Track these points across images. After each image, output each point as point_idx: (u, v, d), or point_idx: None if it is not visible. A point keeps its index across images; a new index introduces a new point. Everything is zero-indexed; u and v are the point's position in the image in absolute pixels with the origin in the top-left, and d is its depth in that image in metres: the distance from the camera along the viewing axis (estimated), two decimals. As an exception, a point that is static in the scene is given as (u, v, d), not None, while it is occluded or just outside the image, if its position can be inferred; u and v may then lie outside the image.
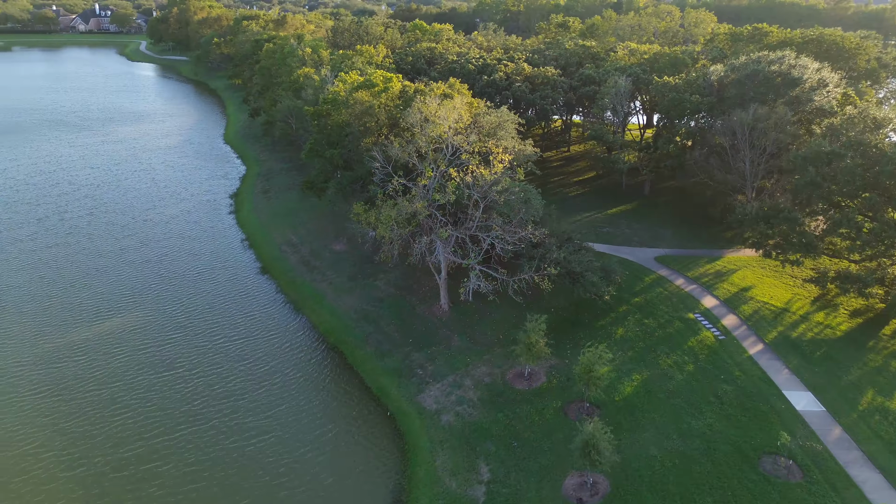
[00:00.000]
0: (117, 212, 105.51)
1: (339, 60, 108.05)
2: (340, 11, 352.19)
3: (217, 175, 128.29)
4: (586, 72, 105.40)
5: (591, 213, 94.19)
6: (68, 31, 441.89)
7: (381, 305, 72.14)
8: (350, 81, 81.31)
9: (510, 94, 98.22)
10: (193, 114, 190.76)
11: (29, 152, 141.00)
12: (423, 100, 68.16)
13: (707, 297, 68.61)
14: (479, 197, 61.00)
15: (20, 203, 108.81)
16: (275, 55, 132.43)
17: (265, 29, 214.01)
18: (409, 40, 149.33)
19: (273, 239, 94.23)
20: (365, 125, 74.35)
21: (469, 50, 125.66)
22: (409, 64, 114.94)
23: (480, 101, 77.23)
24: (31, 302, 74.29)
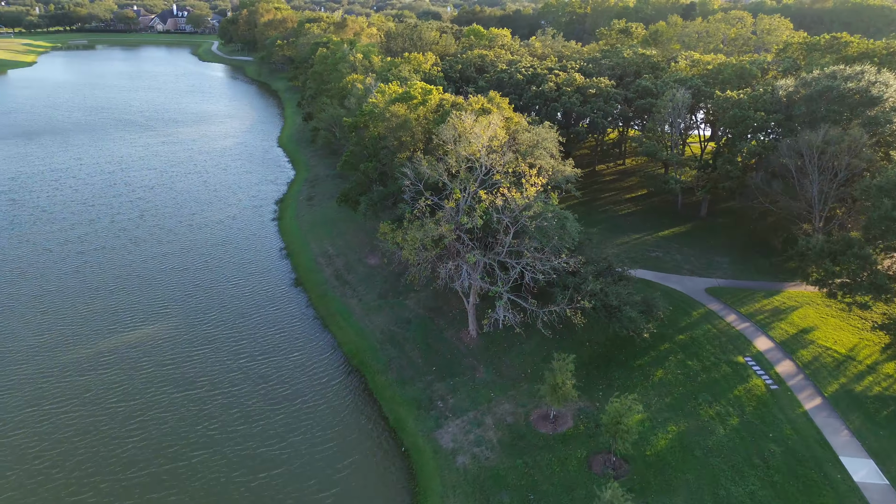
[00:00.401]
0: (166, 215, 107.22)
1: (386, 68, 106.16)
2: (405, 14, 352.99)
3: (266, 180, 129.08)
4: (643, 83, 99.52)
5: (641, 234, 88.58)
6: (147, 31, 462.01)
7: (409, 327, 69.51)
8: (389, 93, 79.05)
9: (559, 105, 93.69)
10: (252, 115, 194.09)
11: (94, 152, 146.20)
12: (458, 115, 65.00)
13: (761, 337, 62.55)
14: (509, 222, 57.34)
15: (77, 203, 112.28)
16: (326, 60, 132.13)
17: (325, 32, 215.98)
18: (463, 46, 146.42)
19: (310, 249, 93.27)
20: (400, 139, 71.87)
21: (521, 58, 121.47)
22: (457, 72, 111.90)
23: (521, 116, 73.36)
24: (70, 307, 75.54)
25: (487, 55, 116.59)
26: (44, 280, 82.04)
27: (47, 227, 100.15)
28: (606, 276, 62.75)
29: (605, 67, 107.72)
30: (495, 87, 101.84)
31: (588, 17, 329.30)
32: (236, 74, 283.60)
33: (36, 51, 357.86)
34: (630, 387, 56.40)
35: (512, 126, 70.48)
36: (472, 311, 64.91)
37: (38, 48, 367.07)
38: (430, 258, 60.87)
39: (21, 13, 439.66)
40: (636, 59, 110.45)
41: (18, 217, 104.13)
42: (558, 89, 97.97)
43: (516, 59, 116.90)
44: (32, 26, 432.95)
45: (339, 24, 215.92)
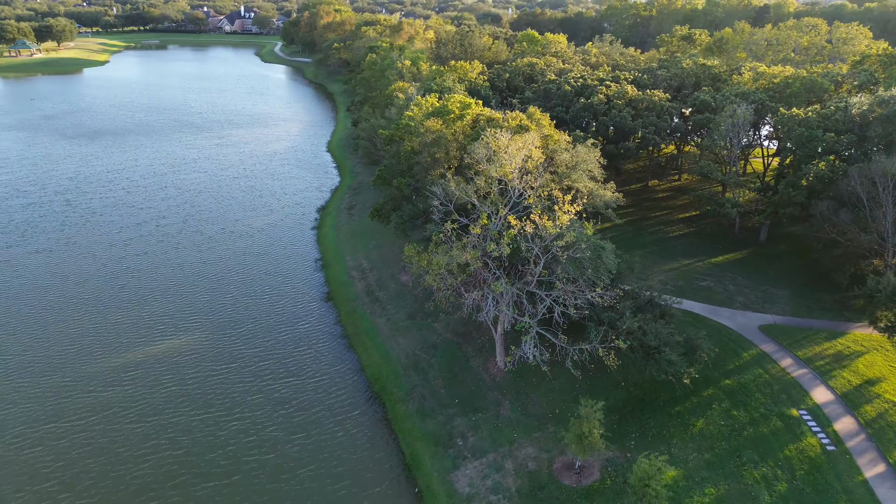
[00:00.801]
0: (209, 221, 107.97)
1: (430, 77, 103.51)
2: (464, 16, 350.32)
3: (311, 186, 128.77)
4: (701, 96, 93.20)
5: (692, 259, 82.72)
6: (215, 32, 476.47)
7: (434, 353, 66.57)
8: (425, 106, 76.33)
9: (608, 120, 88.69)
10: (306, 118, 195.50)
11: (150, 153, 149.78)
12: (492, 133, 61.56)
13: (819, 387, 56.53)
14: (539, 251, 53.55)
15: (127, 205, 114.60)
16: (375, 66, 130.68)
17: (381, 35, 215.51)
18: (515, 53, 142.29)
19: (345, 261, 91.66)
20: (433, 156, 69.01)
21: (573, 66, 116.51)
22: (504, 81, 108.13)
23: (562, 133, 69.16)
24: (103, 316, 76.17)
25: (537, 64, 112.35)
26: (83, 286, 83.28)
27: (95, 231, 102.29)
28: (647, 311, 58.07)
29: (661, 79, 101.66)
30: (542, 99, 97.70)
31: (653, 20, 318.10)
32: (295, 76, 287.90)
33: (110, 50, 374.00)
34: (666, 437, 51.76)
35: (551, 145, 66.44)
36: (500, 342, 61.41)
37: (112, 47, 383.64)
38: (455, 285, 57.71)
39: (99, 13, 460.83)
40: (696, 70, 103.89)
41: (70, 219, 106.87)
42: (608, 102, 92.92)
43: (567, 69, 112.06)
44: (109, 26, 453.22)
45: (395, 27, 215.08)
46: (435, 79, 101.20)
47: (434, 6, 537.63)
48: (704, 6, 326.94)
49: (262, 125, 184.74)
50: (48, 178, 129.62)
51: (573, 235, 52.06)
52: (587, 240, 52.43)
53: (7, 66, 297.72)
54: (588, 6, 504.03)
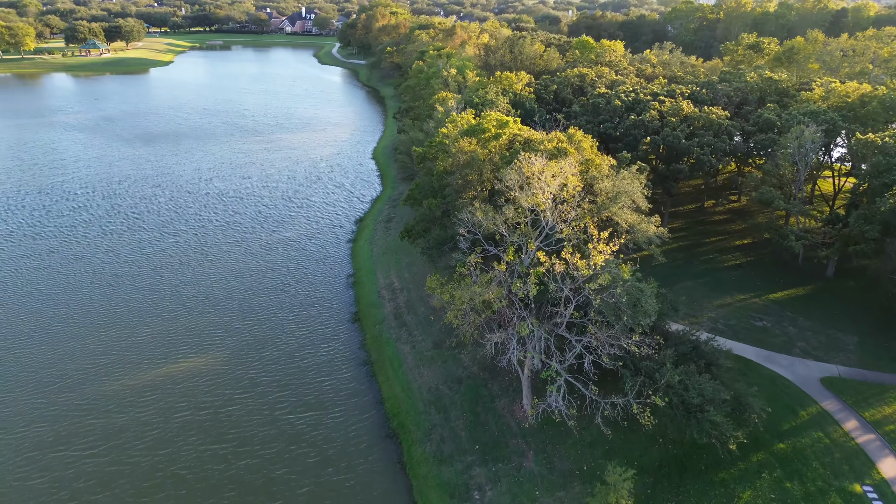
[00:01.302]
0: (247, 230, 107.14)
1: (473, 89, 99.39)
2: (522, 18, 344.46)
3: (352, 196, 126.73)
4: (765, 114, 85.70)
5: (748, 294, 75.78)
6: (277, 32, 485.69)
7: (458, 389, 62.54)
8: (461, 123, 72.33)
9: (659, 139, 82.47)
10: (354, 123, 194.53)
11: (198, 157, 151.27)
12: (526, 157, 57.05)
13: (888, 458, 49.73)
14: (570, 293, 48.81)
15: (170, 212, 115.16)
16: (421, 74, 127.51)
17: (434, 39, 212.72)
18: (567, 61, 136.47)
19: (377, 279, 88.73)
20: (466, 177, 64.94)
21: (626, 77, 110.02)
22: (552, 93, 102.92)
23: (605, 157, 63.83)
24: (130, 330, 75.51)
25: (588, 74, 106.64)
26: (115, 298, 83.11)
27: (136, 237, 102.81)
28: (691, 360, 52.42)
29: (721, 93, 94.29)
30: (590, 114, 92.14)
31: (720, 24, 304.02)
32: (349, 79, 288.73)
33: (175, 50, 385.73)
34: (704, 513, 46.17)
35: (591, 170, 61.31)
36: (527, 385, 56.87)
37: (177, 48, 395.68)
38: (478, 322, 53.57)
39: (168, 14, 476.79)
40: (760, 84, 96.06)
41: (113, 225, 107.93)
42: (661, 119, 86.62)
43: (619, 81, 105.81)
44: (176, 27, 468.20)
45: (448, 31, 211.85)
46: (478, 90, 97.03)
47: (493, 7, 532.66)
48: (776, 9, 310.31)
49: (311, 129, 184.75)
50: (99, 181, 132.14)
51: (608, 278, 47.08)
52: (624, 283, 47.33)
53: (78, 65, 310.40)
54: (652, 8, 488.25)
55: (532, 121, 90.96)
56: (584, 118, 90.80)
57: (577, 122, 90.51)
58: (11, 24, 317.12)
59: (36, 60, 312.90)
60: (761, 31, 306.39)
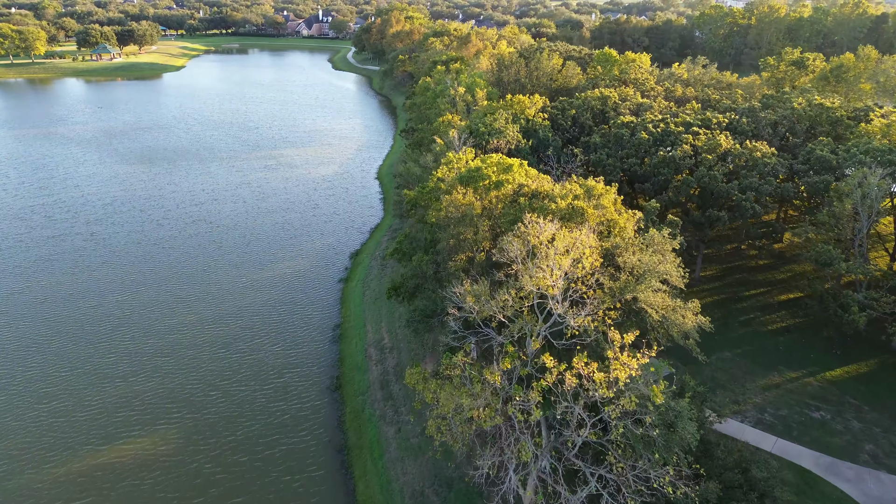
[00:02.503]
0: (232, 266, 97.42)
1: (480, 115, 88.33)
2: (543, 23, 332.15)
3: (351, 225, 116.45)
4: (818, 150, 73.50)
5: (800, 370, 63.81)
6: (293, 35, 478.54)
7: (447, 494, 51.65)
8: (458, 165, 61.48)
9: (693, 180, 70.69)
10: (362, 137, 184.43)
11: (194, 177, 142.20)
12: (533, 220, 46.03)
13: None
14: (583, 414, 37.70)
15: (151, 242, 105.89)
16: (427, 92, 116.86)
17: (448, 48, 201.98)
18: (589, 77, 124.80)
19: (365, 332, 78.28)
20: (459, 237, 54.06)
21: (654, 100, 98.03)
22: (569, 119, 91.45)
23: (630, 215, 52.42)
24: (77, 398, 65.88)
25: (610, 97, 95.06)
26: (67, 356, 73.59)
27: (109, 275, 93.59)
28: (739, 497, 40.91)
29: (764, 123, 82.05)
30: (612, 146, 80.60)
31: (751, 30, 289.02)
32: (362, 86, 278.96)
33: (189, 54, 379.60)
34: None
35: (614, 234, 50.01)
36: (530, 508, 45.77)
37: (191, 51, 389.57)
38: (468, 436, 42.68)
39: (184, 16, 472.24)
40: (810, 112, 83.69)
41: (87, 259, 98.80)
42: (695, 155, 74.85)
43: (646, 104, 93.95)
44: (193, 29, 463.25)
45: (463, 39, 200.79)
46: (485, 116, 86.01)
47: (514, 10, 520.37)
48: (811, 14, 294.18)
49: (317, 143, 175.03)
50: (83, 204, 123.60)
51: (633, 402, 35.87)
52: (656, 408, 36.10)
53: (88, 69, 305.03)
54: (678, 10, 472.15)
55: (546, 154, 79.83)
56: (605, 151, 79.29)
57: (598, 155, 79.04)
58: (22, 28, 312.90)
59: (46, 65, 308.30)
60: (795, 38, 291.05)
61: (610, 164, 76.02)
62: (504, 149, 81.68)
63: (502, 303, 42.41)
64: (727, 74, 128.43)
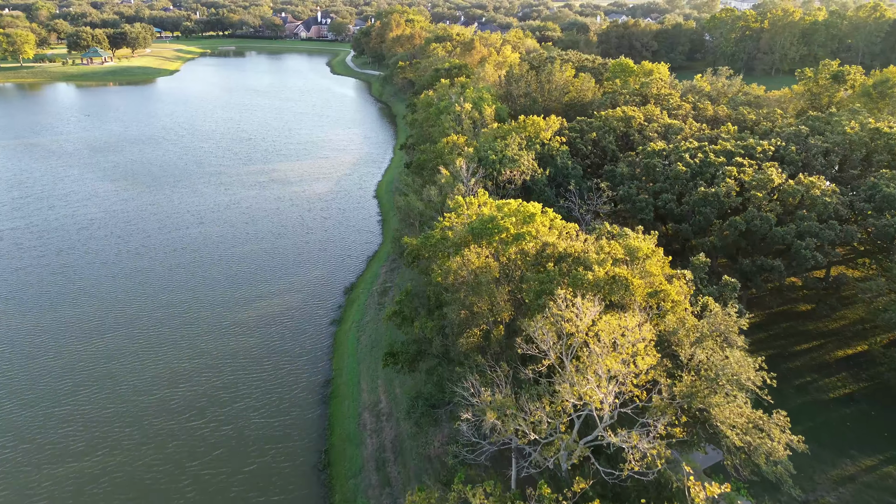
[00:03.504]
0: (212, 305, 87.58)
1: (490, 138, 78.28)
2: (548, 26, 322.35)
3: (347, 252, 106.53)
4: (882, 185, 63.40)
5: (876, 455, 53.81)
6: (292, 38, 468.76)
7: None
8: (468, 212, 51.55)
9: (741, 222, 60.65)
10: (361, 149, 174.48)
11: (179, 196, 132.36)
12: (566, 298, 36.08)
13: None
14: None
15: (125, 276, 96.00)
16: (429, 108, 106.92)
17: (451, 54, 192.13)
18: (605, 90, 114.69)
19: (359, 392, 68.39)
20: (471, 307, 44.07)
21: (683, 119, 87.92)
22: (589, 143, 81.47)
23: (685, 289, 42.37)
24: (24, 476, 55.94)
25: (634, 117, 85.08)
26: (9, 425, 63.57)
27: (74, 317, 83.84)
28: None
29: (816, 151, 71.93)
30: (643, 178, 70.58)
31: (764, 34, 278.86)
32: (362, 92, 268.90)
33: (184, 57, 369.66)
34: None
35: (665, 308, 39.98)
36: None
37: (186, 54, 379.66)
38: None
39: (180, 18, 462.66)
40: (864, 138, 73.65)
41: (53, 297, 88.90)
42: (741, 190, 64.85)
43: (675, 126, 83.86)
44: (189, 31, 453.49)
45: (467, 45, 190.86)
46: (495, 141, 75.98)
47: (516, 12, 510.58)
48: (826, 18, 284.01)
49: (312, 156, 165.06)
50: (57, 229, 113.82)
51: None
52: None
53: (79, 74, 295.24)
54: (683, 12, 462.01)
55: (567, 190, 69.84)
56: (635, 184, 69.28)
57: (626, 188, 69.02)
58: (10, 30, 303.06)
59: (35, 69, 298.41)
60: (809, 43, 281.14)
61: (641, 201, 65.99)
62: (518, 179, 71.71)
63: (534, 418, 32.45)
64: (754, 87, 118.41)
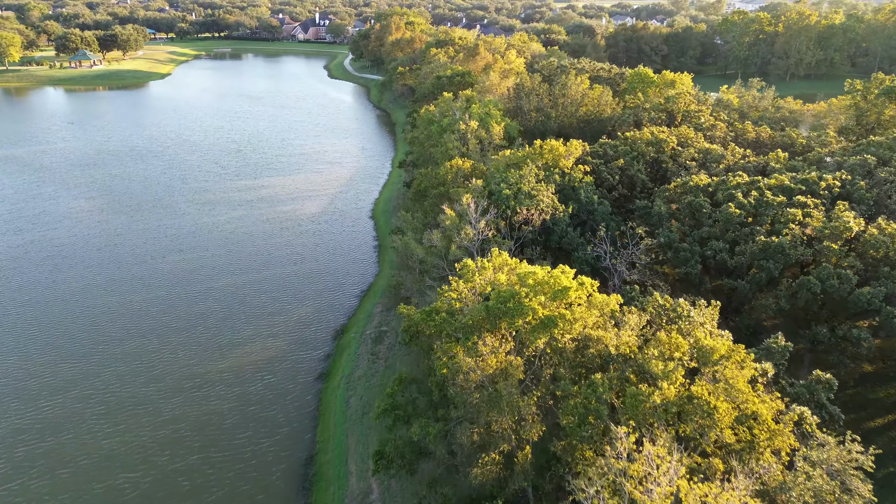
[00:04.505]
0: (187, 356, 76.84)
1: (502, 167, 67.08)
2: (553, 28, 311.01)
3: (339, 285, 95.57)
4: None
5: None
6: (289, 39, 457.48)
7: None
8: (481, 281, 40.49)
9: (815, 283, 49.56)
10: (357, 162, 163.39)
11: (158, 218, 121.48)
12: (627, 437, 24.88)
13: None
14: None
15: (87, 320, 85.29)
16: (431, 126, 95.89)
17: (453, 60, 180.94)
18: (626, 106, 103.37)
19: (347, 476, 57.38)
20: (489, 423, 32.98)
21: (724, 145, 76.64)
22: (616, 172, 70.30)
23: (772, 400, 31.32)
24: None
25: (667, 140, 74.05)
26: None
27: (21, 375, 72.76)
28: None
29: (890, 186, 60.73)
30: (685, 219, 59.43)
31: (779, 38, 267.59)
32: (360, 98, 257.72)
33: (178, 60, 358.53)
34: None
35: (759, 443, 28.92)
36: None
37: (180, 57, 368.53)
38: None
39: (175, 19, 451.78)
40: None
41: (7, 345, 77.94)
42: (810, 241, 53.74)
43: (715, 153, 72.57)
44: (184, 33, 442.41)
45: (471, 50, 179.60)
46: (507, 172, 64.85)
47: (519, 14, 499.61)
48: (843, 21, 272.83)
49: (306, 170, 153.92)
50: (22, 256, 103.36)
51: None
52: None
53: (66, 78, 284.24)
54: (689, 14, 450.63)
55: (593, 232, 58.64)
56: (676, 226, 58.12)
57: (666, 232, 57.87)
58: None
59: (21, 73, 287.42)
60: (826, 47, 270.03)
61: (685, 249, 54.89)
62: (537, 220, 60.59)
63: None
64: (790, 101, 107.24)
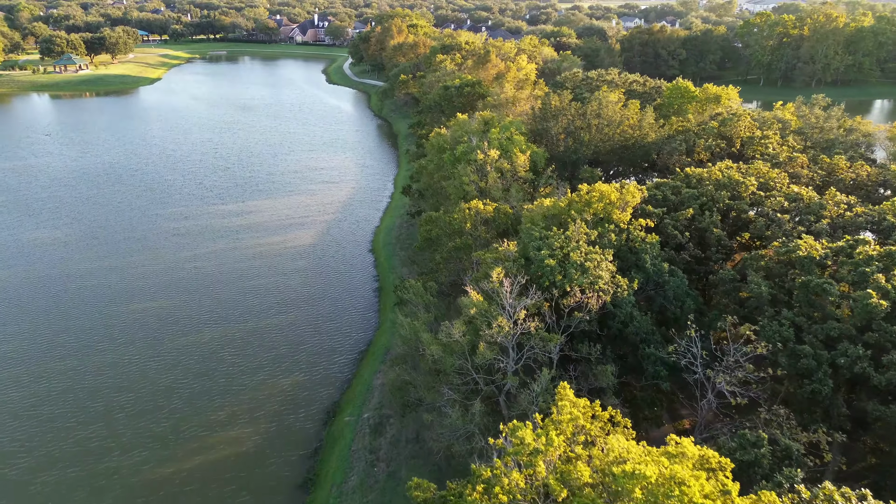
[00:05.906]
0: (139, 462, 61.12)
1: (536, 224, 51.20)
2: (563, 31, 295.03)
3: (331, 345, 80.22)
4: None
5: None
6: (287, 42, 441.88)
7: None
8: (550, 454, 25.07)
9: None
10: (356, 180, 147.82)
11: (125, 254, 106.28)
12: None
13: None
14: None
15: (26, 390, 69.99)
16: (443, 153, 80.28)
17: (461, 68, 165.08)
18: (677, 128, 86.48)
19: None
20: None
21: (819, 191, 60.88)
22: (680, 226, 54.46)
23: None
24: None
25: (744, 182, 58.37)
26: None
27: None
28: None
29: None
30: (796, 304, 43.71)
31: (805, 41, 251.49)
32: (360, 105, 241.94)
33: (169, 63, 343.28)
34: None
35: None
36: None
37: (172, 60, 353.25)
38: None
39: (168, 21, 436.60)
40: None
41: None
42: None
43: (813, 201, 56.57)
44: (178, 35, 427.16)
45: (481, 58, 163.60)
46: (549, 235, 49.08)
47: (524, 15, 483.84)
48: (873, 24, 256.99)
49: (299, 191, 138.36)
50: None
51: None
52: None
53: (50, 83, 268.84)
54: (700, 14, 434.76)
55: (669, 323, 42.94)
56: (791, 330, 42.30)
57: (774, 326, 42.13)
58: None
59: (2, 78, 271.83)
60: (855, 49, 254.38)
61: (809, 355, 39.20)
62: (595, 303, 44.91)
63: None
64: (859, 120, 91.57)
